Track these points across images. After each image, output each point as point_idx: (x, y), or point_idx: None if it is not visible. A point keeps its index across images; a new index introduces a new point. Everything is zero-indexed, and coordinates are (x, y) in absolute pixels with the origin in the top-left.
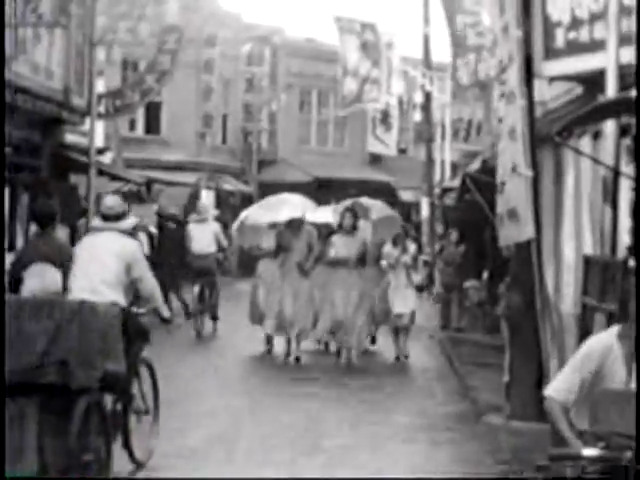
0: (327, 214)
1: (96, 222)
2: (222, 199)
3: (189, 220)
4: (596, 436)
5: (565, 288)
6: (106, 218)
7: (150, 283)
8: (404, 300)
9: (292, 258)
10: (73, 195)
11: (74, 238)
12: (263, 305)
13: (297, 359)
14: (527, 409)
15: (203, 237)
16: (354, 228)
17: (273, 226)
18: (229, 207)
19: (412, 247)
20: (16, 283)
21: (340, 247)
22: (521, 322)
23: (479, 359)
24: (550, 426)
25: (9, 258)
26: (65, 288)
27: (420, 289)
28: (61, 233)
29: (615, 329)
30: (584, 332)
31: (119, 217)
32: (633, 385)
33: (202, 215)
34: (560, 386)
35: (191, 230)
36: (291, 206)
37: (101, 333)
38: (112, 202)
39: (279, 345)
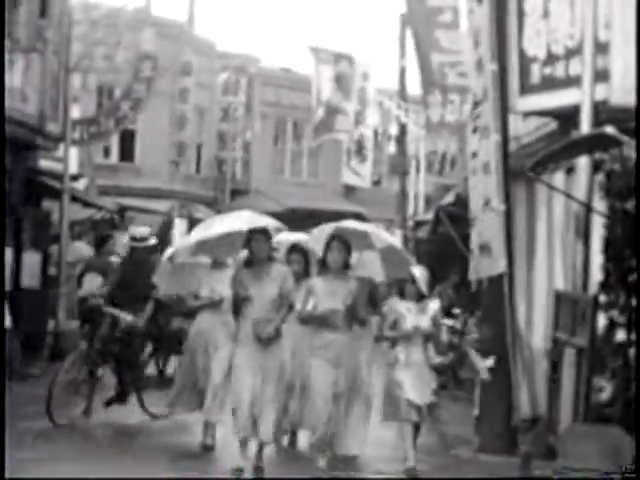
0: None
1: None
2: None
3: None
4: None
5: (536, 323)
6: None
7: None
8: (419, 386)
9: (252, 313)
10: (46, 221)
11: (46, 264)
12: (204, 382)
13: (258, 469)
14: (496, 442)
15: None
16: (346, 267)
17: (217, 265)
18: None
19: (433, 305)
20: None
21: (324, 296)
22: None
23: (449, 392)
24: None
25: None
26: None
27: (440, 371)
28: (33, 259)
29: None
30: (554, 366)
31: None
32: None
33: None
34: None
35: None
36: (241, 218)
37: None
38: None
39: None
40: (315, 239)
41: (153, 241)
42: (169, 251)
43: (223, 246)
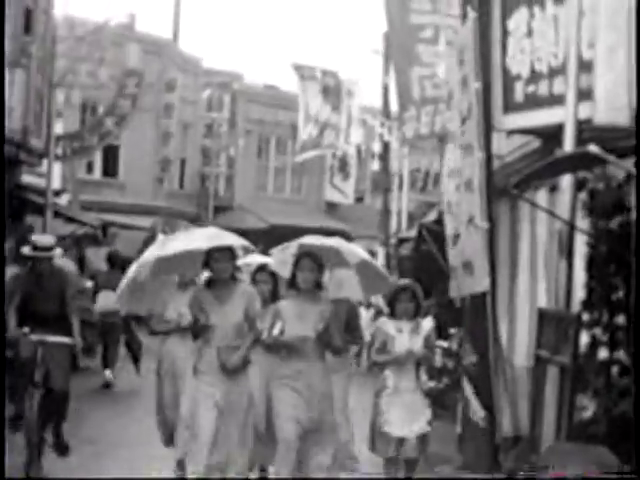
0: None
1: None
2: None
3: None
4: None
5: (519, 340)
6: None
7: None
8: (409, 416)
9: (214, 340)
10: (28, 236)
11: None
12: (173, 416)
13: None
14: (479, 461)
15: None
16: (318, 286)
17: (184, 285)
18: None
19: (426, 324)
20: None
21: (292, 321)
22: (474, 374)
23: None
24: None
25: None
26: None
27: (435, 399)
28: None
29: None
30: (537, 384)
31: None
32: None
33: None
34: None
35: None
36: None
37: None
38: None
39: None
40: (278, 259)
41: (58, 251)
42: (132, 267)
43: (185, 265)
